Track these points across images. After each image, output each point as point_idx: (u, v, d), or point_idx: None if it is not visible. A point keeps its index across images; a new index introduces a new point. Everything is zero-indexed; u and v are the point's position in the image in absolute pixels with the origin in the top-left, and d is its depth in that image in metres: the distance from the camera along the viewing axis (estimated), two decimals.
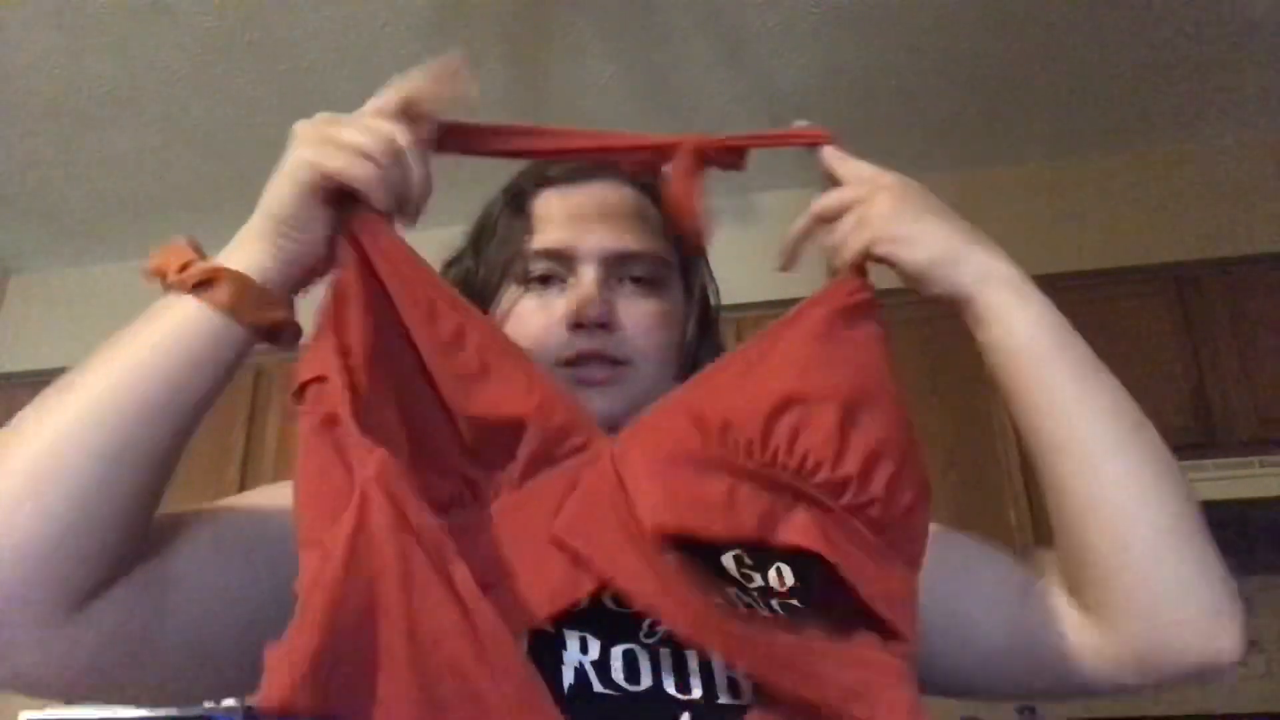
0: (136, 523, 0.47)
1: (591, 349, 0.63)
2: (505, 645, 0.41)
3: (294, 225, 0.52)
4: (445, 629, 0.40)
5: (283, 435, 2.73)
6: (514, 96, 2.38)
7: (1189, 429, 2.29)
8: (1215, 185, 2.57)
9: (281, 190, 0.52)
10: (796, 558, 0.47)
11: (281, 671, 0.38)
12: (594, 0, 2.10)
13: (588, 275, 0.64)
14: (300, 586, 0.41)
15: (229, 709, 2.37)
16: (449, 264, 0.74)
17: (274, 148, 0.54)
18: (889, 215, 0.59)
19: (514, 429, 0.50)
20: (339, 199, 0.52)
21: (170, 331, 0.49)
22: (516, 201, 0.69)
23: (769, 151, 0.69)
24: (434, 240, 0.76)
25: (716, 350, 0.71)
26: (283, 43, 2.19)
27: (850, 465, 0.48)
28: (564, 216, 0.66)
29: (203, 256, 0.52)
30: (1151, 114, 2.52)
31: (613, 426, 0.61)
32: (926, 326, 2.48)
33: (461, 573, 0.41)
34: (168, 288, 0.50)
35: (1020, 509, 2.26)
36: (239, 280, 0.50)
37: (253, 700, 0.39)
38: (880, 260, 0.59)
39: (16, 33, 2.15)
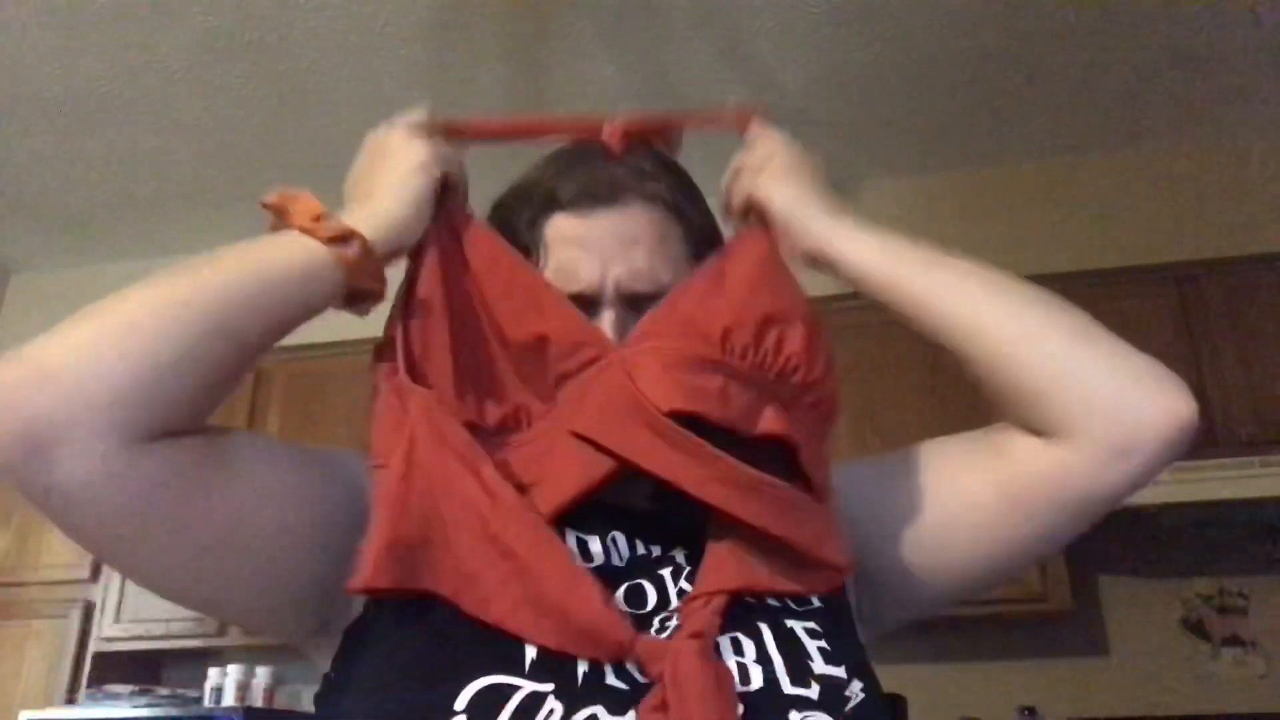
0: (202, 396, 0.52)
1: None
2: (527, 517, 0.52)
3: (422, 214, 0.62)
4: (478, 511, 0.52)
5: (282, 435, 2.73)
6: (514, 96, 2.38)
7: None
8: (1215, 185, 2.57)
9: (415, 185, 0.62)
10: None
11: (365, 559, 0.50)
12: (594, 0, 2.10)
13: (606, 317, 0.63)
14: (374, 497, 0.53)
15: (230, 709, 2.37)
16: None
17: (274, 148, 0.55)
18: (768, 177, 0.69)
19: (542, 347, 0.60)
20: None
21: (293, 262, 0.56)
22: (530, 229, 0.67)
23: None
24: None
25: None
26: (283, 43, 2.19)
27: (817, 370, 0.60)
28: (581, 249, 0.64)
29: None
30: (1151, 114, 2.52)
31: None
32: None
33: (488, 470, 0.53)
34: (296, 229, 0.57)
35: None
36: (367, 247, 0.57)
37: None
38: (755, 208, 0.69)
39: (16, 33, 2.15)
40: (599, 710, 0.48)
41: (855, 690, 0.54)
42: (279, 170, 2.66)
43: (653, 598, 0.56)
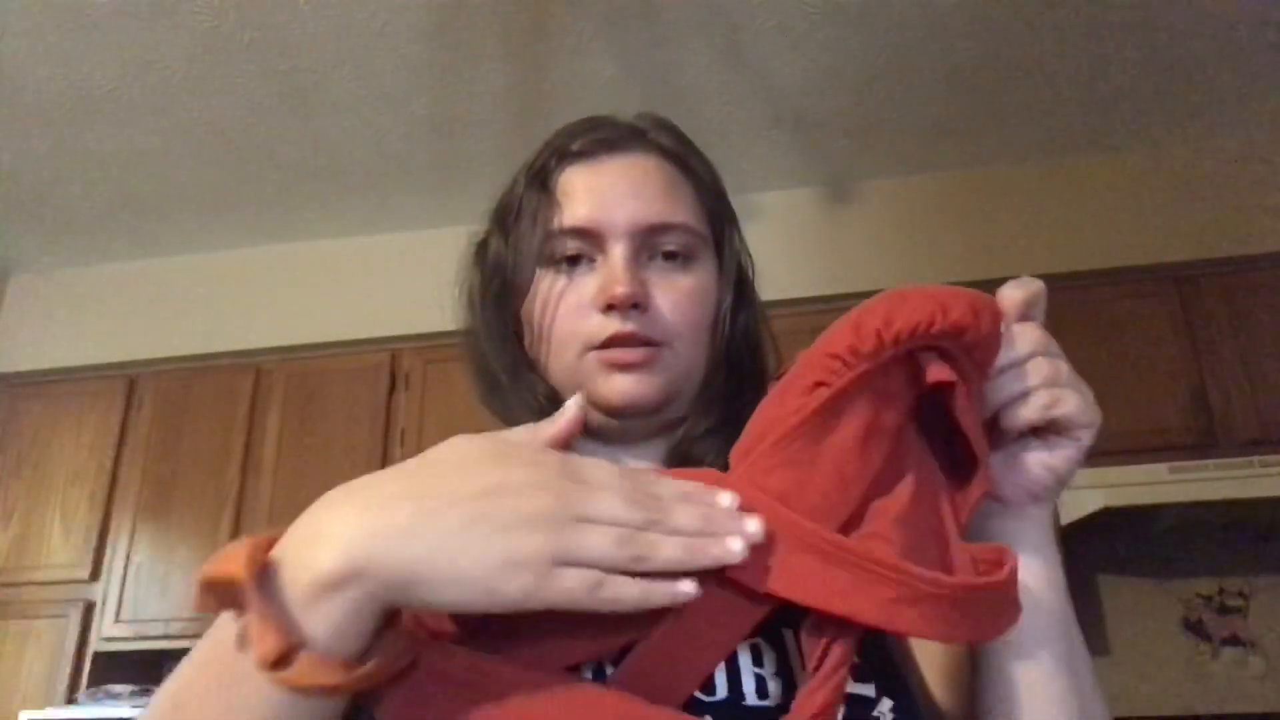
0: None
1: (625, 331, 0.60)
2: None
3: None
4: None
5: (282, 435, 2.73)
6: (514, 96, 2.38)
7: (1189, 429, 2.29)
8: (1215, 185, 2.57)
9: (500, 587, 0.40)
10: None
11: None
12: (594, 0, 2.10)
13: (617, 253, 0.61)
14: None
15: None
16: (478, 248, 0.72)
17: (274, 148, 0.53)
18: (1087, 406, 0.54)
19: None
20: None
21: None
22: (540, 179, 0.66)
23: (768, 151, 0.69)
24: (449, 239, 0.76)
25: (755, 322, 0.69)
26: (283, 43, 2.19)
27: (960, 314, 0.46)
28: (590, 192, 0.64)
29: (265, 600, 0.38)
30: (1152, 114, 2.52)
31: (647, 410, 0.62)
32: None
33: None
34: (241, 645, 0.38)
35: None
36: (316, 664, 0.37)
37: None
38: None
39: (16, 33, 2.15)
40: None
41: (884, 709, 0.50)
42: (279, 170, 2.66)
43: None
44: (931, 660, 0.61)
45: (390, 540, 0.37)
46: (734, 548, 0.40)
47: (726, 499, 0.42)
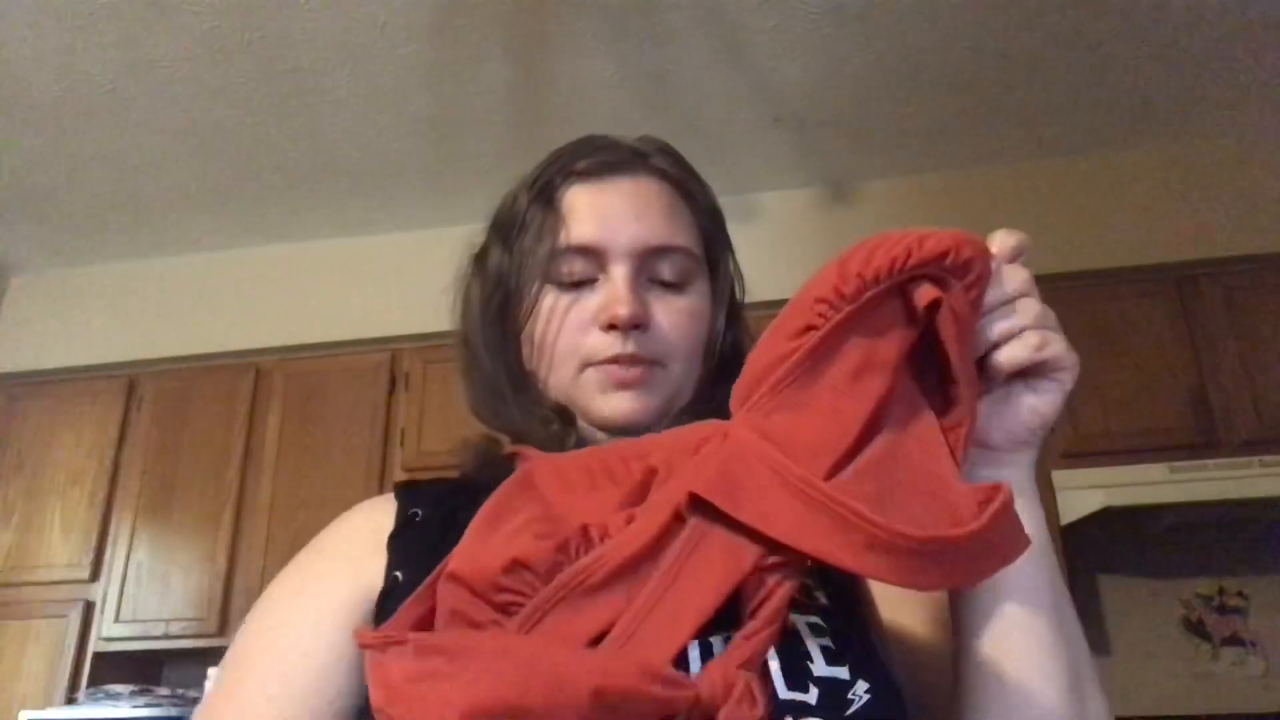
0: None
1: (626, 354, 0.63)
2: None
3: None
4: None
5: (282, 435, 2.73)
6: (514, 96, 2.38)
7: (1189, 429, 2.29)
8: (1215, 185, 2.57)
9: None
10: None
11: None
12: (594, 0, 2.10)
13: (620, 273, 0.64)
14: None
15: None
16: (476, 257, 0.74)
17: (274, 148, 0.53)
18: (1067, 350, 0.55)
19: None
20: None
21: None
22: (544, 195, 0.68)
23: (768, 151, 0.70)
24: (449, 239, 0.76)
25: (741, 342, 0.72)
26: (283, 43, 2.19)
27: (936, 242, 0.47)
28: (594, 212, 0.66)
29: None
30: (1152, 113, 2.51)
31: (641, 428, 0.63)
32: None
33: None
34: None
35: None
36: None
37: None
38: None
39: (16, 32, 2.15)
40: None
41: (859, 691, 0.50)
42: (279, 170, 2.66)
43: None
44: (921, 602, 0.62)
45: None
46: None
47: None
